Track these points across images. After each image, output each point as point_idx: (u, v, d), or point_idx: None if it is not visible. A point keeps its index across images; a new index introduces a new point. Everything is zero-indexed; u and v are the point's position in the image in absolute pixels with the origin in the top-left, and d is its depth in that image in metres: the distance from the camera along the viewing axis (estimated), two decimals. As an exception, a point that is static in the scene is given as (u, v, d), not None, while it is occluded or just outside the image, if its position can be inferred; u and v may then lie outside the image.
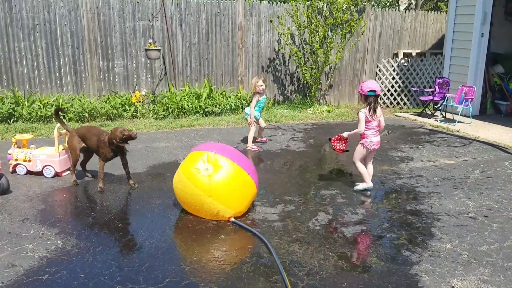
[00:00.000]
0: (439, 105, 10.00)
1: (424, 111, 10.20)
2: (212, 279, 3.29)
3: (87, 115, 8.49)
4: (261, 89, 6.94)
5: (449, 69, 10.52)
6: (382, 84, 11.06)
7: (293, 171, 6.05)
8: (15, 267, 3.40)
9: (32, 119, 8.21)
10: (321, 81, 10.64)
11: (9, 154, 5.56)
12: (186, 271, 3.39)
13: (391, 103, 11.13)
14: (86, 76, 9.06)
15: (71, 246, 3.74)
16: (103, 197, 4.89)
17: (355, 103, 11.40)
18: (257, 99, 7.02)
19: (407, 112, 10.60)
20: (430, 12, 11.87)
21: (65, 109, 8.33)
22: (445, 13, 11.84)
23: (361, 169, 5.19)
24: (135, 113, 8.91)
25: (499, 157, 6.82)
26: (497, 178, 5.78)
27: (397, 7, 16.55)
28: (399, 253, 3.76)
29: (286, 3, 10.30)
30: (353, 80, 11.28)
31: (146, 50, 8.99)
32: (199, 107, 9.22)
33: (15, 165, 5.52)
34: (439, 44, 11.55)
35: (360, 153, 5.16)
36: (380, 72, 11.13)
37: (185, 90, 9.54)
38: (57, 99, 8.51)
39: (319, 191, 5.22)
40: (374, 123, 5.03)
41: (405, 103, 11.14)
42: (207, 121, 8.83)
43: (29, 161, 5.46)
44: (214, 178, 4.14)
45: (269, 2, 10.17)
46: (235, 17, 9.92)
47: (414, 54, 11.52)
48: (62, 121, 5.39)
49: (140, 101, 9.01)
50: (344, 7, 10.14)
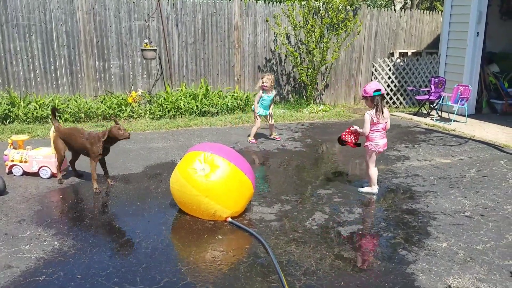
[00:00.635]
0: (435, 104, 10.04)
1: (420, 111, 10.24)
2: (209, 279, 3.30)
3: (83, 115, 8.47)
4: (264, 85, 7.10)
5: (444, 69, 10.55)
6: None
7: (289, 170, 6.06)
8: (11, 268, 3.39)
9: (28, 120, 8.18)
10: (317, 81, 10.65)
11: (5, 155, 5.55)
12: (183, 272, 3.39)
13: (387, 102, 11.15)
14: (82, 76, 9.04)
15: (68, 247, 3.73)
16: (99, 197, 4.88)
17: (351, 102, 11.42)
18: (260, 95, 7.22)
19: (403, 112, 10.63)
20: (425, 11, 11.91)
21: (60, 110, 8.30)
22: (440, 12, 11.89)
23: (372, 173, 5.10)
24: (132, 114, 8.89)
25: (494, 156, 6.85)
26: (493, 177, 5.81)
27: (393, 6, 16.59)
28: (395, 252, 3.77)
29: (282, 3, 10.30)
30: (349, 80, 11.30)
31: (142, 50, 8.98)
32: (195, 107, 9.22)
33: (11, 166, 5.50)
34: (435, 44, 11.59)
35: (371, 157, 5.06)
36: (376, 71, 11.16)
37: (181, 90, 9.53)
38: (53, 99, 8.48)
39: (315, 190, 5.23)
40: (380, 125, 4.91)
41: (401, 103, 11.17)
42: (204, 121, 8.82)
43: (25, 162, 5.44)
44: (211, 178, 4.14)
45: (265, 2, 10.17)
46: (231, 17, 9.92)
47: (410, 53, 11.55)
48: (56, 120, 5.41)
49: (136, 102, 9.00)
50: (340, 7, 10.15)
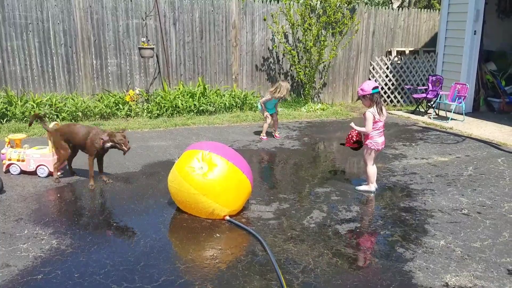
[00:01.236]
0: (432, 102, 10.05)
1: (418, 109, 10.25)
2: (208, 277, 3.30)
3: (80, 114, 8.45)
4: (284, 96, 7.44)
5: (442, 67, 10.57)
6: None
7: (287, 169, 6.06)
8: (9, 267, 3.39)
9: (25, 119, 8.15)
10: (315, 80, 10.66)
11: (3, 154, 5.54)
12: (181, 270, 3.40)
13: (384, 101, 11.16)
14: (79, 75, 9.02)
15: (65, 246, 3.73)
16: (97, 196, 4.88)
17: (349, 101, 11.44)
18: (268, 99, 7.46)
19: (401, 110, 10.64)
20: (423, 10, 11.93)
21: (58, 108, 8.28)
22: (438, 11, 11.91)
23: (370, 172, 5.10)
24: (129, 112, 8.88)
25: (492, 154, 6.87)
26: (490, 175, 5.83)
27: (390, 5, 16.61)
28: (393, 250, 3.78)
29: (280, 1, 10.29)
30: (347, 78, 11.31)
31: (140, 48, 8.97)
32: (193, 105, 9.21)
33: (9, 165, 5.49)
34: (432, 42, 11.61)
35: (370, 156, 5.07)
36: (374, 70, 11.17)
37: (179, 88, 9.52)
38: (50, 98, 8.46)
39: (313, 189, 5.24)
40: (380, 123, 4.92)
41: (398, 101, 11.19)
42: (202, 120, 8.82)
43: (23, 160, 5.43)
44: (209, 177, 4.14)
45: (262, 1, 10.16)
46: (229, 16, 9.92)
47: (407, 52, 11.57)
48: (45, 122, 5.43)
49: (134, 100, 8.99)
50: (338, 5, 10.16)
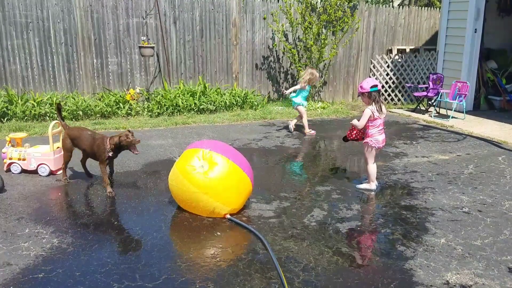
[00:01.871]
0: (433, 101, 10.05)
1: (418, 107, 10.25)
2: (208, 276, 3.30)
3: (81, 113, 8.46)
4: (314, 81, 7.88)
5: (442, 65, 10.56)
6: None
7: (288, 167, 6.06)
8: (10, 265, 3.40)
9: (26, 118, 8.17)
10: (315, 78, 10.64)
11: (3, 153, 5.54)
12: (182, 268, 3.40)
13: (385, 99, 11.15)
14: (79, 74, 9.02)
15: (66, 244, 3.73)
16: (98, 195, 4.88)
17: (349, 99, 11.43)
18: (304, 88, 7.84)
19: (401, 108, 10.64)
20: (423, 8, 11.91)
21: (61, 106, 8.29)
22: (438, 9, 11.88)
23: (371, 170, 5.10)
24: (130, 111, 8.88)
25: (492, 152, 6.87)
26: (491, 173, 5.83)
27: (391, 3, 16.58)
28: (394, 248, 3.78)
29: (280, 0, 10.27)
30: (348, 77, 11.30)
31: (140, 47, 8.97)
32: (193, 104, 9.21)
33: (10, 164, 5.50)
34: (433, 40, 11.59)
35: (370, 154, 5.06)
36: (374, 68, 11.16)
37: (179, 87, 9.52)
38: (50, 97, 8.47)
39: (314, 187, 5.24)
40: (379, 121, 4.92)
41: (399, 99, 11.18)
42: (202, 119, 8.82)
43: (24, 159, 5.44)
44: (210, 175, 4.14)
45: (263, 0, 10.17)
46: (229, 14, 9.91)
47: (408, 50, 11.55)
48: (62, 117, 5.26)
49: (134, 99, 8.99)
50: (338, 4, 10.15)
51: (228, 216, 4.27)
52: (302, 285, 3.20)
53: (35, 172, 5.46)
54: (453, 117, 9.31)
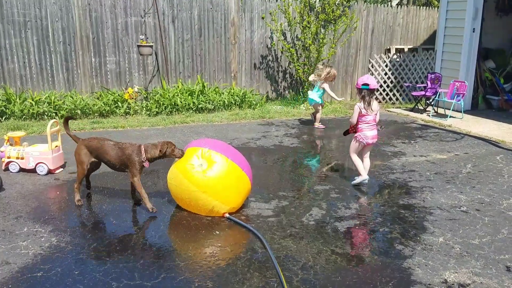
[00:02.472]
0: (431, 100, 10.06)
1: (416, 106, 10.26)
2: (207, 274, 3.31)
3: (79, 112, 8.45)
4: (331, 79, 8.27)
5: (441, 65, 10.58)
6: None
7: (286, 166, 6.07)
8: (9, 264, 3.39)
9: (24, 117, 8.16)
10: (314, 77, 10.65)
11: (2, 152, 5.53)
12: (181, 267, 3.40)
13: (383, 98, 11.18)
14: (78, 73, 9.01)
15: (65, 243, 3.73)
16: (96, 194, 4.87)
17: (348, 98, 11.44)
18: (324, 87, 8.25)
19: (400, 108, 10.65)
20: (422, 7, 11.93)
21: (57, 106, 8.28)
22: (436, 8, 11.91)
23: (356, 161, 5.24)
24: (128, 110, 8.87)
25: (490, 151, 6.89)
26: (489, 172, 5.84)
27: (389, 2, 16.60)
28: (392, 247, 3.79)
29: (279, -1, 10.29)
30: (346, 76, 11.32)
31: (139, 46, 8.96)
32: (192, 103, 9.21)
33: (8, 163, 5.49)
34: (431, 40, 11.62)
35: (354, 146, 5.24)
36: (373, 67, 11.17)
37: (178, 86, 9.52)
38: (49, 96, 8.46)
39: (312, 186, 5.25)
40: (369, 117, 5.07)
41: (397, 99, 11.20)
42: (201, 118, 8.82)
43: (22, 158, 5.43)
44: (209, 174, 4.15)
45: (261, -2, 10.17)
46: (228, 13, 9.91)
47: (406, 49, 11.57)
48: (70, 132, 4.71)
49: (132, 98, 8.98)
50: (337, 3, 10.16)
51: (227, 215, 4.27)
52: (301, 283, 3.21)
53: (33, 171, 5.45)
54: (451, 117, 9.33)
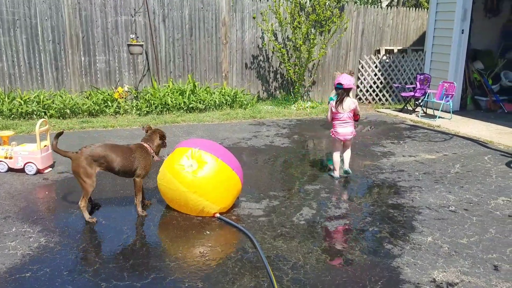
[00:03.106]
0: (420, 101, 10.14)
1: (406, 107, 10.34)
2: (197, 275, 3.30)
3: (68, 111, 8.38)
4: None
5: (430, 65, 10.66)
6: (365, 80, 11.18)
7: (277, 166, 6.08)
8: (-3, 265, 3.36)
9: (12, 116, 8.08)
10: (304, 78, 10.69)
11: (-10, 151, 5.48)
12: (171, 267, 3.40)
13: (373, 99, 11.25)
14: (67, 72, 8.95)
15: (54, 243, 3.71)
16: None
17: (338, 99, 11.47)
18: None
19: (389, 108, 10.72)
20: (411, 9, 12.02)
21: (46, 106, 8.21)
22: (426, 9, 12.00)
23: (334, 159, 5.54)
24: (118, 109, 8.83)
25: (478, 151, 6.96)
26: (477, 172, 5.91)
27: (379, 4, 16.70)
28: (381, 246, 3.82)
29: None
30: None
31: (129, 45, 8.92)
32: (183, 103, 9.18)
33: (-4, 163, 5.44)
34: (420, 41, 11.70)
35: (333, 142, 5.59)
36: (363, 68, 11.23)
37: (168, 86, 9.49)
38: (38, 95, 8.38)
39: (303, 186, 5.27)
40: (341, 115, 5.35)
41: (387, 99, 11.27)
42: (191, 117, 8.80)
43: (10, 158, 5.38)
44: (199, 174, 4.14)
45: (252, -2, 10.17)
46: (219, 13, 9.90)
47: (395, 50, 11.65)
48: (60, 149, 4.17)
49: (122, 97, 8.93)
50: (327, 4, 10.20)
51: (218, 215, 4.27)
52: (291, 283, 3.22)
53: (22, 170, 5.40)
54: (440, 117, 9.41)
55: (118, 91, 8.93)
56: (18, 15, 8.38)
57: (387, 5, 14.59)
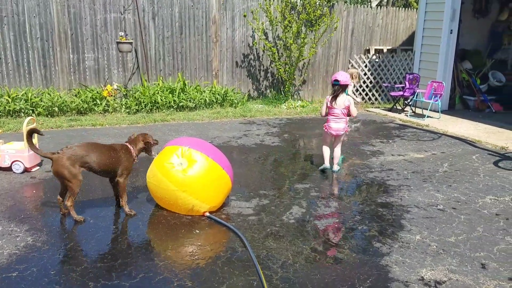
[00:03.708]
0: (409, 100, 10.21)
1: (395, 106, 10.40)
2: (187, 274, 3.29)
3: (56, 109, 8.30)
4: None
5: (419, 65, 10.73)
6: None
7: (267, 165, 6.08)
8: (-17, 265, 3.32)
9: (0, 114, 7.99)
10: (295, 77, 10.71)
11: (-24, 150, 5.40)
12: (160, 267, 3.38)
13: (363, 98, 11.29)
14: (55, 69, 8.86)
15: (41, 243, 3.67)
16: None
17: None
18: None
19: (378, 107, 10.78)
20: (401, 8, 12.09)
21: (34, 103, 8.13)
22: (415, 10, 12.08)
23: (323, 150, 5.79)
24: (107, 108, 8.76)
25: (466, 151, 7.02)
26: (465, 171, 5.96)
27: (369, 3, 16.77)
28: (370, 244, 3.84)
29: (260, -3, 10.30)
30: (327, 76, 11.39)
31: (118, 43, 8.85)
32: (173, 101, 9.14)
33: (-18, 161, 5.36)
34: (410, 41, 11.78)
35: (323, 135, 5.85)
36: (352, 67, 11.26)
37: (158, 84, 9.44)
38: (26, 93, 8.29)
39: (293, 185, 5.27)
40: (335, 110, 5.56)
41: (376, 99, 11.33)
42: (181, 116, 8.76)
43: (-3, 156, 5.32)
44: (189, 173, 4.12)
45: (243, -4, 10.15)
46: (209, 11, 9.87)
47: (385, 50, 11.71)
48: (35, 146, 4.09)
49: (111, 95, 8.87)
50: (317, 3, 10.21)
51: (207, 213, 4.26)
52: (281, 282, 3.22)
53: (9, 169, 5.34)
54: (428, 117, 9.48)
55: (107, 89, 8.86)
56: (5, 11, 8.28)
57: (376, 5, 14.65)
